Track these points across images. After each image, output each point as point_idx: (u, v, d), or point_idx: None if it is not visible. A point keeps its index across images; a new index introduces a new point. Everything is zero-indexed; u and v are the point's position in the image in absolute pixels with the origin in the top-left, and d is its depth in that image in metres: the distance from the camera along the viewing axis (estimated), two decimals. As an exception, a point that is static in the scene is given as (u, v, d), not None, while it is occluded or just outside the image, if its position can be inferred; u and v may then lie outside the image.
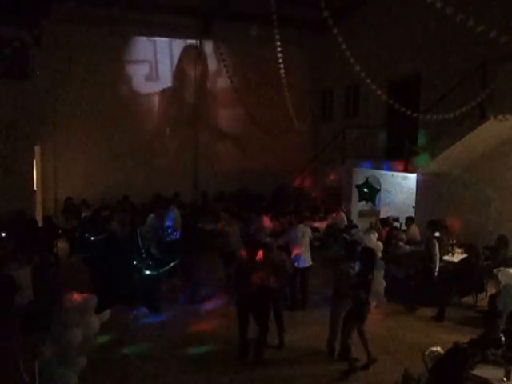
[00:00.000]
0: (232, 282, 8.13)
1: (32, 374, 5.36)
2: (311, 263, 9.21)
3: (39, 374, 5.32)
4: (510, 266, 8.70)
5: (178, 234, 10.95)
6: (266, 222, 11.31)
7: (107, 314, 6.35)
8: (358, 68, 8.34)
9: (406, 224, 11.59)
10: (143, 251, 7.21)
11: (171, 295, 9.40)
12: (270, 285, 6.90)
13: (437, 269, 8.86)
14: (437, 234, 9.54)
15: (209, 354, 7.32)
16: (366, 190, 13.09)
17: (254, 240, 8.57)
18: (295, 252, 8.96)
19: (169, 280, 9.32)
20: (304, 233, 9.19)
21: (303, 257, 9.03)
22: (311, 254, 9.27)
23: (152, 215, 11.30)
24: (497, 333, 5.85)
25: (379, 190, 12.99)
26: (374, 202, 13.41)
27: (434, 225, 9.53)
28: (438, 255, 8.93)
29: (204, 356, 7.25)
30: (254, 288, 6.74)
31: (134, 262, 6.40)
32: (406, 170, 12.02)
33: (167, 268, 6.86)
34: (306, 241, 9.16)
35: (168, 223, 11.01)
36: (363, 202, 13.75)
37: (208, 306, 9.25)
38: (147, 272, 6.35)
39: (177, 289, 9.65)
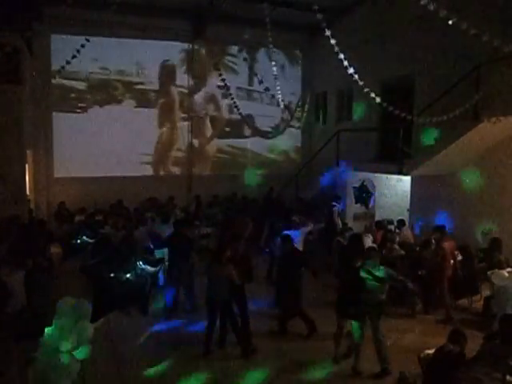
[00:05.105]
0: None
1: (25, 381, 5.31)
2: None
3: (32, 380, 5.27)
4: (503, 268, 8.70)
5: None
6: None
7: (101, 321, 6.30)
8: (351, 71, 8.33)
9: (398, 227, 11.61)
10: (136, 255, 7.19)
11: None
12: None
13: None
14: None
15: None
16: (361, 193, 13.11)
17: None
18: None
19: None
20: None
21: None
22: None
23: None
24: None
25: (373, 194, 13.02)
26: (367, 206, 13.45)
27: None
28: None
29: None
30: None
31: (128, 266, 6.37)
32: (399, 173, 12.02)
33: (157, 269, 6.86)
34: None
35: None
36: (357, 205, 13.75)
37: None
38: (139, 274, 6.30)
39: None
